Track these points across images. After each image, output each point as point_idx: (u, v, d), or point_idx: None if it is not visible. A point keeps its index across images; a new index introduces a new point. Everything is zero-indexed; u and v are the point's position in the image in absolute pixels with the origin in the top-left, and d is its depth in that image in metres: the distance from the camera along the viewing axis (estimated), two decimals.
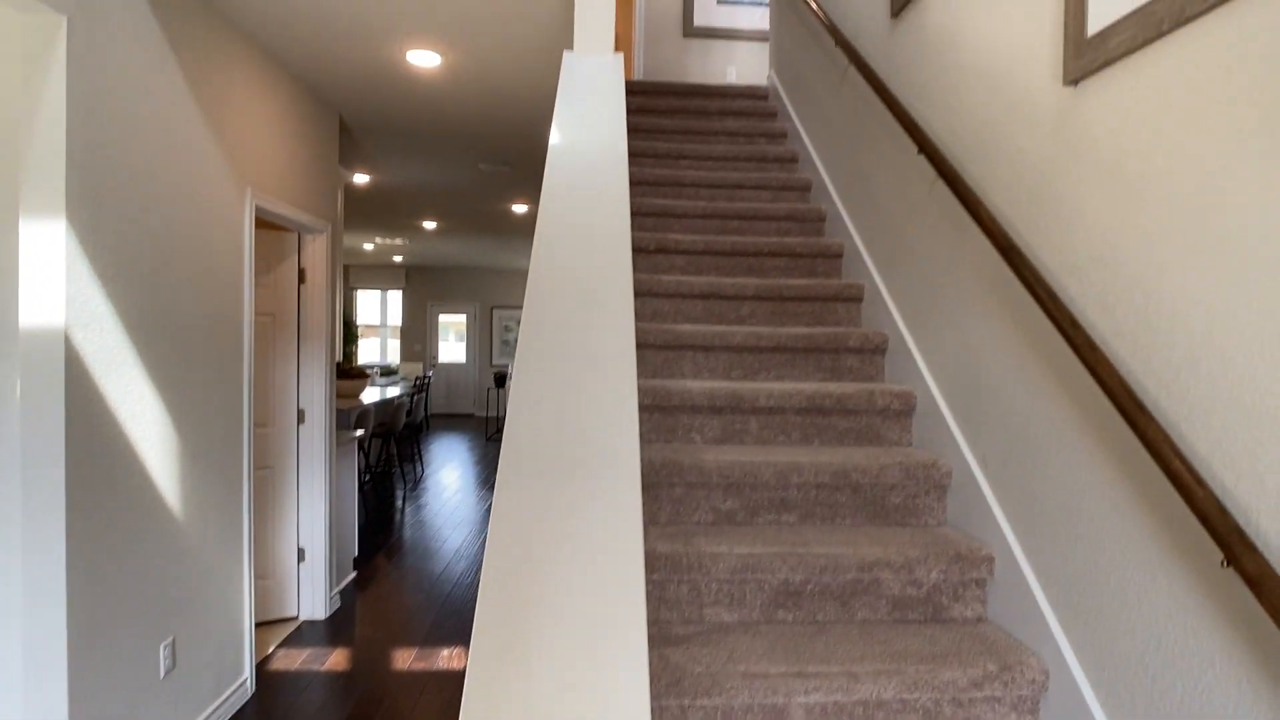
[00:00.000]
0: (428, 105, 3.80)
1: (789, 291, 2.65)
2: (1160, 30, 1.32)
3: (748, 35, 5.66)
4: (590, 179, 1.38)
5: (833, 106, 3.15)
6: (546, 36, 2.83)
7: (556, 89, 3.40)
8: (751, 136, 3.88)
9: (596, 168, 1.40)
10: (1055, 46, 1.62)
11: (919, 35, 2.28)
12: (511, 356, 13.46)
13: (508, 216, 7.32)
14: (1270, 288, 1.09)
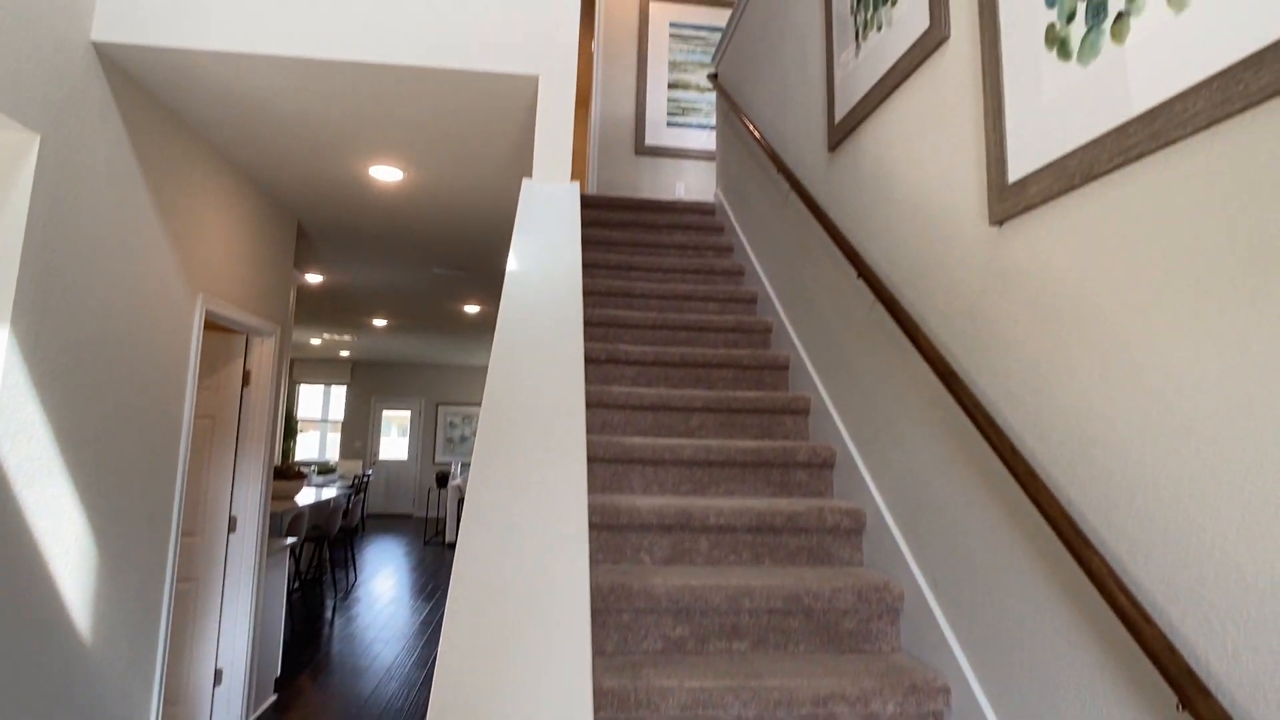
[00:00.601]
0: (387, 214, 3.85)
1: (737, 403, 2.69)
2: (1073, 183, 1.43)
3: (696, 155, 5.95)
4: (546, 310, 1.40)
5: (776, 225, 3.30)
6: (507, 158, 2.93)
7: (512, 204, 3.49)
8: (700, 250, 4.02)
9: (552, 299, 1.43)
10: (980, 190, 1.74)
11: (854, 169, 2.43)
12: (455, 454, 13.18)
13: (459, 316, 7.34)
14: (1189, 423, 1.15)
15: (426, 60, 2.13)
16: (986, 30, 1.69)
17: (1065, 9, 1.46)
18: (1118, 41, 1.33)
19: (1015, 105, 1.60)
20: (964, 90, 1.81)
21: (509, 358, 1.29)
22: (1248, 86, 1.09)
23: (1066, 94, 1.45)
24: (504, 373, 1.27)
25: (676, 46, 6.19)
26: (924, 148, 1.99)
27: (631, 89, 6.06)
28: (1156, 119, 1.24)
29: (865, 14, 2.37)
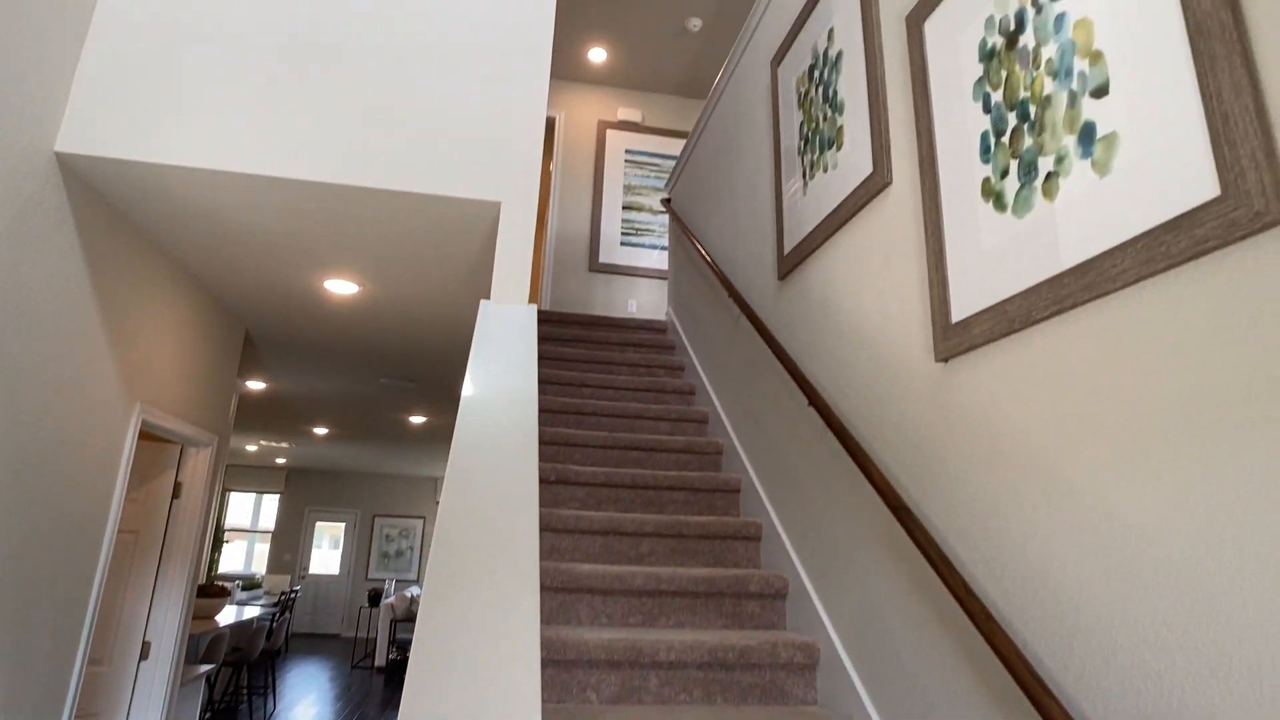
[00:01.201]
0: (339, 326, 3.81)
1: (689, 529, 2.64)
2: (1013, 327, 1.49)
3: (648, 273, 6.12)
4: (500, 440, 1.37)
5: (727, 347, 3.37)
6: (464, 275, 2.95)
7: (466, 319, 3.49)
8: (651, 368, 4.06)
9: (507, 429, 1.40)
10: (925, 327, 1.81)
11: (804, 298, 2.52)
12: (390, 570, 12.55)
13: (403, 426, 7.17)
14: (1136, 567, 1.16)
15: (390, 184, 2.17)
16: (927, 179, 1.81)
17: (999, 166, 1.57)
18: (1049, 199, 1.42)
19: (956, 249, 1.69)
20: (907, 232, 1.91)
21: (463, 491, 1.25)
22: (1169, 249, 1.17)
23: (1004, 243, 1.53)
24: (457, 508, 1.23)
25: (632, 171, 6.47)
26: (871, 283, 2.08)
27: (587, 209, 6.27)
28: (1088, 272, 1.31)
29: (812, 155, 2.52)
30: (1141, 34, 1.24)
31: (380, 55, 2.31)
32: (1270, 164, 1.04)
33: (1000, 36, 1.58)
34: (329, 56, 2.28)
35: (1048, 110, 1.44)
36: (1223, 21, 1.10)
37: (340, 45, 2.31)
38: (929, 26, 1.84)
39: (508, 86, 2.34)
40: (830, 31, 2.42)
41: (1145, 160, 1.22)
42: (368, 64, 2.29)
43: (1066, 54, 1.40)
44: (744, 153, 3.33)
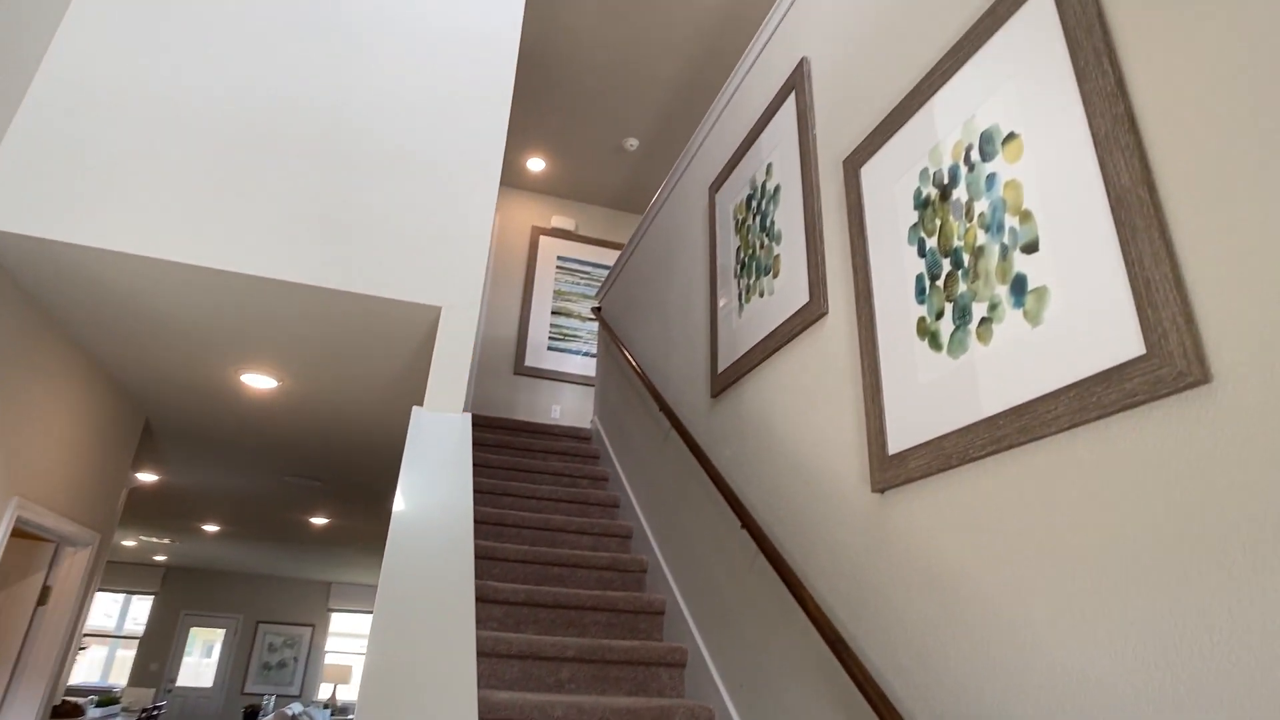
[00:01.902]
0: (251, 421, 3.59)
1: (612, 654, 2.51)
2: (950, 463, 1.52)
3: (573, 379, 6.10)
4: (434, 565, 1.27)
5: (655, 461, 3.33)
6: (394, 377, 2.85)
7: (393, 421, 3.35)
8: (574, 478, 3.97)
9: (441, 550, 1.31)
10: (862, 456, 1.83)
11: (737, 418, 2.53)
12: (270, 683, 11.44)
13: (303, 527, 6.73)
14: (1080, 710, 1.15)
15: (328, 281, 2.10)
16: (863, 313, 1.88)
17: (934, 307, 1.64)
18: (983, 342, 1.49)
19: (893, 383, 1.74)
20: (843, 362, 1.96)
21: (393, 623, 1.14)
22: (1100, 399, 1.23)
23: (940, 380, 1.59)
24: (388, 639, 1.12)
25: (563, 277, 6.55)
26: (806, 409, 2.10)
27: (516, 312, 6.27)
28: (1023, 416, 1.36)
29: (748, 280, 2.60)
30: (1068, 200, 1.34)
31: (330, 153, 2.29)
32: (1190, 329, 1.12)
33: (934, 188, 1.70)
34: (278, 150, 2.24)
35: (981, 260, 1.53)
36: (1141, 197, 1.21)
37: (291, 140, 2.27)
38: (865, 171, 1.97)
39: (457, 194, 2.35)
40: (769, 166, 2.56)
41: (1075, 314, 1.29)
42: (316, 161, 2.27)
43: (998, 210, 1.50)
44: (679, 270, 3.42)
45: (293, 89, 2.35)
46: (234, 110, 2.25)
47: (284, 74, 2.36)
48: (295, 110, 2.32)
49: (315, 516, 6.14)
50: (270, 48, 2.38)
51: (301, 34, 2.45)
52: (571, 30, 4.77)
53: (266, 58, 2.36)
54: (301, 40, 2.44)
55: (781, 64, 2.60)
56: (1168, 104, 1.20)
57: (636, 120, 5.65)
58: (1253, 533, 0.99)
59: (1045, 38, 1.42)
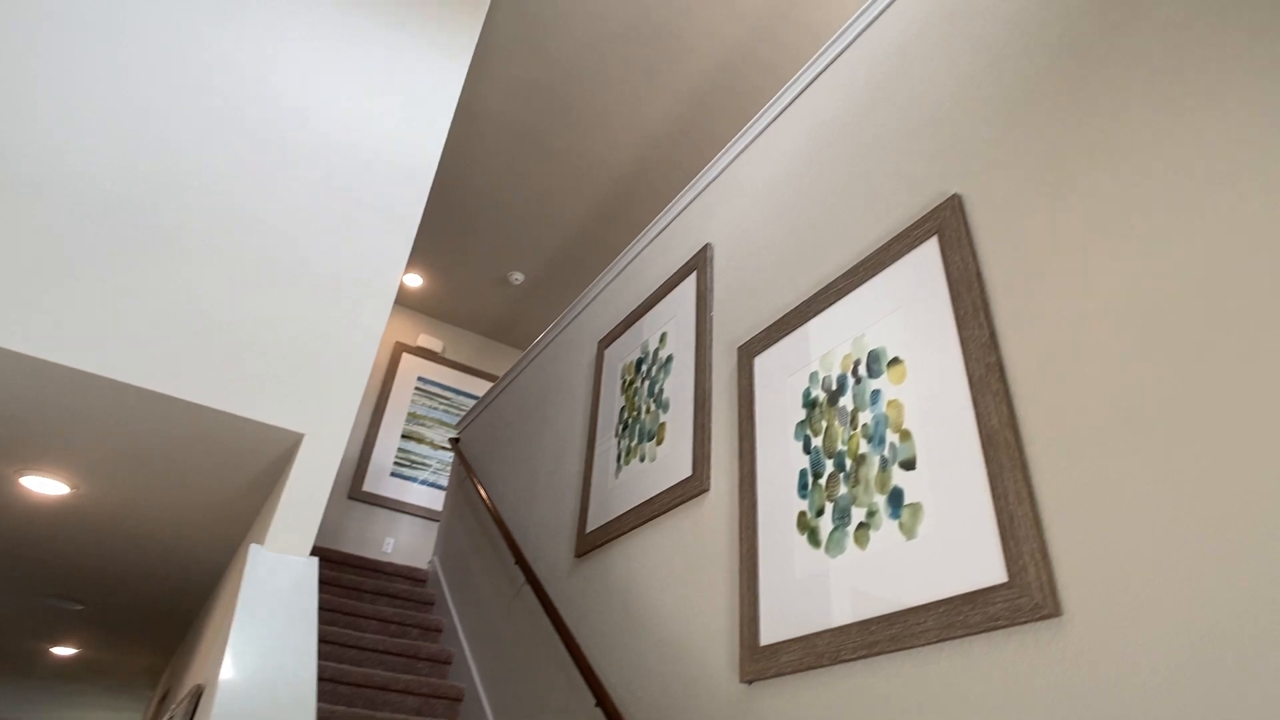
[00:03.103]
0: (20, 530, 3.05)
1: None
2: (821, 661, 1.55)
3: (414, 510, 5.75)
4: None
5: (500, 618, 3.14)
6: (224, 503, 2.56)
7: (205, 548, 2.98)
8: (405, 626, 3.65)
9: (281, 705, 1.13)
10: (732, 643, 1.82)
11: (602, 584, 2.47)
12: None
13: (41, 658, 5.63)
14: None
15: (164, 387, 1.88)
16: (745, 497, 1.93)
17: (815, 504, 1.72)
18: (860, 546, 1.57)
19: (770, 573, 1.77)
20: (720, 543, 1.99)
21: None
22: (967, 618, 1.31)
23: (817, 577, 1.64)
24: None
25: (420, 400, 6.32)
26: (678, 586, 2.09)
27: (363, 430, 5.93)
28: (895, 624, 1.42)
29: (630, 441, 2.63)
30: (945, 429, 1.48)
31: (203, 250, 2.15)
32: (1045, 565, 1.23)
33: (823, 391, 1.83)
34: (143, 234, 2.07)
35: (862, 467, 1.64)
36: (1007, 439, 1.36)
37: (158, 228, 2.12)
38: (759, 361, 2.09)
39: (344, 315, 2.25)
40: (663, 335, 2.67)
41: (947, 534, 1.40)
42: (188, 258, 2.11)
43: (880, 425, 1.63)
44: (555, 417, 3.40)
45: (181, 178, 2.22)
46: (96, 181, 2.08)
47: (170, 160, 2.23)
48: (182, 197, 2.19)
49: (62, 646, 5.18)
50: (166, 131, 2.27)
51: (205, 130, 2.36)
52: (481, 159, 4.91)
53: (156, 140, 2.24)
54: (203, 134, 2.34)
55: (685, 244, 2.78)
56: (1031, 362, 1.39)
57: (527, 256, 5.77)
58: None
59: (933, 282, 1.62)
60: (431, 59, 3.06)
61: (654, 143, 4.63)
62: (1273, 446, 1.02)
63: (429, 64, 3.05)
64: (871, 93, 2.08)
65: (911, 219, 1.77)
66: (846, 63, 2.24)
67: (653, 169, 4.83)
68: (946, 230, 1.63)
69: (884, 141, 1.95)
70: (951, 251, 1.60)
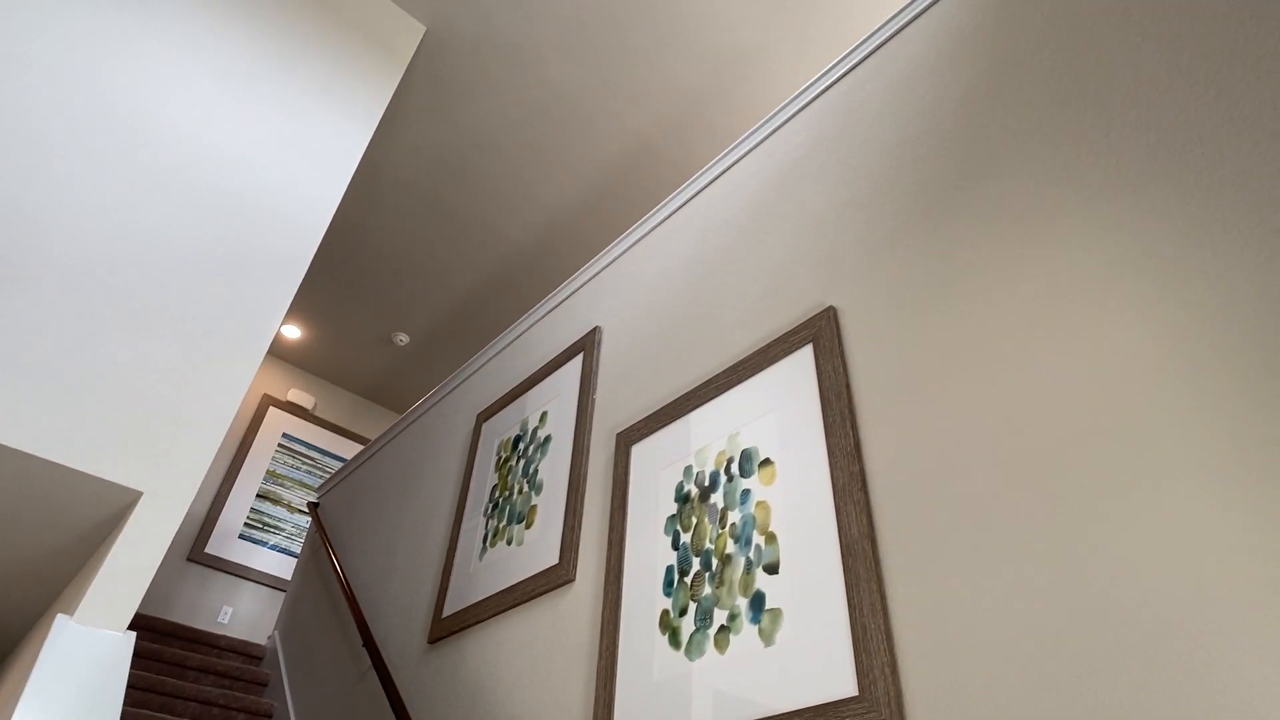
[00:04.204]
0: None
1: None
2: None
3: (260, 578, 5.29)
4: None
5: (341, 704, 2.89)
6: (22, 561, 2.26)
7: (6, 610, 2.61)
8: (229, 710, 3.29)
9: None
10: None
11: (454, 675, 2.32)
12: None
13: None
14: None
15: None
16: (610, 591, 1.88)
17: (679, 603, 1.70)
18: (719, 650, 1.55)
19: (628, 673, 1.71)
20: (583, 637, 1.92)
21: None
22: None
23: (674, 680, 1.60)
24: None
25: (282, 458, 5.93)
26: (534, 682, 1.99)
27: (214, 487, 5.48)
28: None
29: (498, 522, 2.54)
30: (808, 536, 1.51)
31: (55, 288, 1.97)
32: (894, 680, 1.25)
33: (696, 487, 1.84)
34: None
35: (728, 568, 1.64)
36: (865, 550, 1.39)
37: (3, 260, 1.93)
38: (636, 450, 2.09)
39: (206, 365, 2.09)
40: (544, 415, 2.63)
41: (804, 643, 1.40)
42: (35, 295, 1.93)
43: (748, 525, 1.65)
44: (424, 489, 3.25)
45: (43, 211, 2.04)
46: None
47: (36, 191, 2.06)
48: (30, 233, 2.01)
49: None
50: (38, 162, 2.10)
51: (81, 165, 2.20)
52: (380, 218, 4.80)
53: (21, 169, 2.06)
54: (80, 169, 2.18)
55: (575, 324, 2.79)
56: (890, 474, 1.45)
57: (415, 318, 5.63)
58: None
59: (806, 388, 1.68)
60: (340, 117, 3.00)
61: (554, 222, 4.69)
62: (1107, 565, 1.09)
63: (336, 123, 2.99)
64: (761, 203, 2.19)
65: (790, 325, 1.84)
66: (742, 170, 2.36)
67: (550, 247, 4.88)
68: (821, 339, 1.70)
69: (770, 249, 2.05)
70: (824, 360, 1.67)
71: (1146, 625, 1.01)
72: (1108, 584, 1.07)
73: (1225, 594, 0.96)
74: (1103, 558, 1.09)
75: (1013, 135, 1.59)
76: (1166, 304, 1.19)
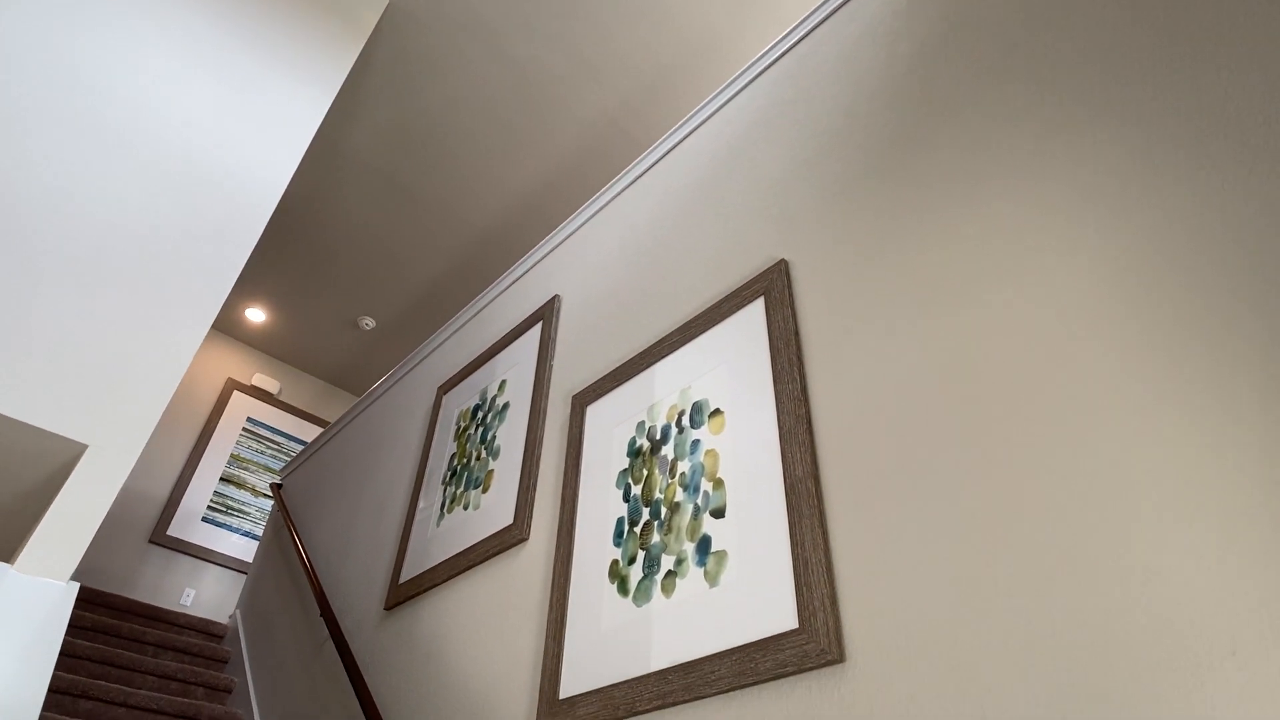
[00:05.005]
0: None
1: None
2: (617, 714, 1.50)
3: (224, 561, 5.23)
4: None
5: (300, 677, 2.87)
6: None
7: None
8: (188, 684, 3.25)
9: None
10: (532, 699, 1.74)
11: (410, 637, 2.31)
12: None
13: None
14: None
15: None
16: (562, 546, 1.89)
17: (628, 552, 1.71)
18: (666, 594, 1.56)
19: (577, 624, 1.72)
20: (536, 594, 1.92)
21: None
22: (757, 665, 1.32)
23: (621, 628, 1.61)
24: None
25: (247, 442, 5.86)
26: (488, 639, 1.99)
27: (177, 469, 5.39)
28: (690, 673, 1.41)
29: (455, 489, 2.53)
30: (754, 478, 1.53)
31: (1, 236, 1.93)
32: (834, 611, 1.27)
33: (648, 441, 1.85)
34: None
35: (676, 515, 1.65)
36: (809, 489, 1.41)
37: None
38: (591, 410, 2.09)
39: (156, 326, 2.07)
40: (503, 383, 2.62)
41: (748, 582, 1.42)
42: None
43: (697, 473, 1.66)
44: (386, 462, 3.23)
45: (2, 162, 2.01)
46: None
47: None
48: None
49: None
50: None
51: (40, 120, 2.16)
52: (342, 199, 4.75)
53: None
54: (38, 124, 2.14)
55: (535, 295, 2.79)
56: (835, 416, 1.47)
57: (380, 302, 5.58)
58: None
59: (757, 339, 1.70)
60: (295, 87, 2.97)
61: (517, 199, 4.68)
62: (1047, 500, 1.12)
63: (293, 89, 2.96)
64: (718, 167, 2.20)
65: (742, 280, 1.86)
66: (700, 137, 2.37)
67: (514, 228, 4.86)
68: (772, 291, 1.72)
69: (725, 210, 2.07)
70: (774, 311, 1.68)
71: (1086, 559, 1.04)
72: (1047, 517, 1.10)
73: (1166, 521, 1.00)
74: (1043, 493, 1.12)
75: (961, 85, 1.62)
76: (1107, 242, 1.22)
